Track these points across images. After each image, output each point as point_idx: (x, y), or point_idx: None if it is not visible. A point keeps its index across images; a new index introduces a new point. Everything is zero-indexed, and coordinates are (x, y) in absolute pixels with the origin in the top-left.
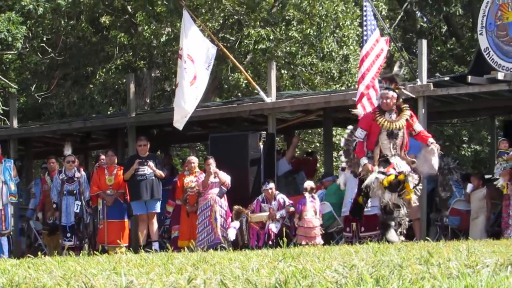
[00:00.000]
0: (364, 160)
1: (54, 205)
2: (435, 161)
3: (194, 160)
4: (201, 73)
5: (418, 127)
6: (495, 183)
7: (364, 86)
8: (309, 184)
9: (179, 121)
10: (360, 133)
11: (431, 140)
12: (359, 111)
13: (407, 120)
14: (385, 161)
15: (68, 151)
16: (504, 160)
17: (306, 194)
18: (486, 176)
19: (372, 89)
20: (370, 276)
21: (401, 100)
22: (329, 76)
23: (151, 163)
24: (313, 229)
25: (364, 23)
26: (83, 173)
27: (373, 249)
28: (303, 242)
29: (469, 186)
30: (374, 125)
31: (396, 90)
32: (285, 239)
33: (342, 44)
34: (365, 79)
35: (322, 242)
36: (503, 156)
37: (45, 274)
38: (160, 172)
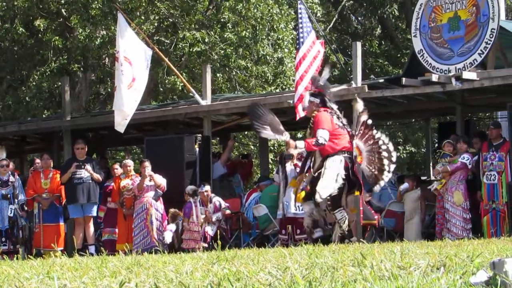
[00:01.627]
0: None
1: None
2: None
3: (129, 163)
4: (140, 75)
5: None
6: (429, 187)
7: (303, 87)
8: (191, 188)
9: (121, 124)
10: None
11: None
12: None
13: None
14: None
15: (2, 155)
16: (446, 162)
17: (190, 199)
18: (423, 178)
19: None
20: (303, 278)
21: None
22: (264, 79)
23: (88, 167)
24: (198, 232)
25: (300, 25)
26: (17, 177)
27: (307, 252)
28: (191, 246)
29: (402, 186)
30: None
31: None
32: (219, 241)
33: (277, 46)
34: (304, 81)
35: (206, 245)
36: (446, 157)
37: None
38: (97, 176)
